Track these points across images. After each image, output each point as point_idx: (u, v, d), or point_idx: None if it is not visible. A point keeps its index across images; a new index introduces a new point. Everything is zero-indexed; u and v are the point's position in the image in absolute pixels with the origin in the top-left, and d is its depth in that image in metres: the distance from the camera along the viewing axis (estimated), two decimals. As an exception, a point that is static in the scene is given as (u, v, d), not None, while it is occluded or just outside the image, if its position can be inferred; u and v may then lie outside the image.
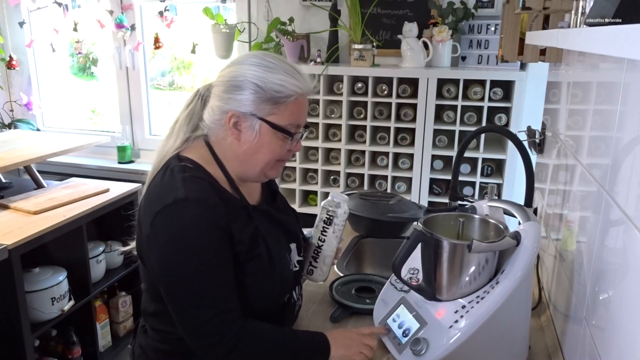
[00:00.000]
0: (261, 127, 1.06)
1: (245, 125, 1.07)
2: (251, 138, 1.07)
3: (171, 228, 1.02)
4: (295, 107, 1.08)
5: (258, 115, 1.06)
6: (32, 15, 3.41)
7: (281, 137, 1.08)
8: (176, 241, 1.02)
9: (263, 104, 1.05)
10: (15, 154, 2.49)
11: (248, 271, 1.08)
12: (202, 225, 1.01)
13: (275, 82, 1.05)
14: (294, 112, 1.08)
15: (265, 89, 1.04)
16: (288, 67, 1.08)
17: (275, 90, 1.05)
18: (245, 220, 1.09)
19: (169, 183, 1.05)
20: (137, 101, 3.33)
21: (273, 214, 1.19)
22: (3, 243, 1.82)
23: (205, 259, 1.02)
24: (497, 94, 2.37)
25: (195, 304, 1.02)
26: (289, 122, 1.08)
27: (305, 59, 2.72)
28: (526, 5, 1.30)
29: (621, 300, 0.74)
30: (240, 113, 1.06)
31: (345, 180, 2.68)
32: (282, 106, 1.06)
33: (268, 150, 1.09)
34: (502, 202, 1.19)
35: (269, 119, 1.06)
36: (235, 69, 1.08)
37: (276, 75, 1.05)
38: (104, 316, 2.44)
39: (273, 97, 1.05)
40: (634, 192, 0.71)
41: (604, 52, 0.60)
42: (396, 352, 1.09)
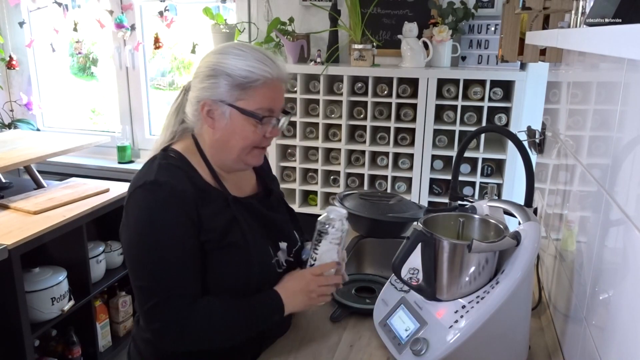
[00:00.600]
0: (231, 113, 1.09)
1: (218, 112, 1.10)
2: (223, 125, 1.11)
3: (137, 210, 1.06)
4: (264, 91, 1.09)
5: (227, 101, 1.09)
6: (32, 15, 3.41)
7: (252, 122, 1.10)
8: (139, 223, 1.06)
9: (232, 90, 1.08)
10: (15, 154, 2.49)
11: (217, 259, 1.10)
12: (166, 209, 1.05)
13: (242, 68, 1.08)
14: (263, 97, 1.09)
15: (233, 75, 1.08)
16: (258, 54, 1.11)
17: (243, 76, 1.07)
18: (221, 210, 1.12)
19: (147, 169, 1.11)
20: (137, 101, 3.33)
21: (259, 208, 1.20)
22: (3, 243, 1.82)
23: (163, 242, 1.04)
24: (497, 94, 2.37)
25: (146, 286, 1.05)
26: (258, 107, 1.10)
27: (305, 59, 2.72)
28: (526, 5, 1.30)
29: (621, 300, 0.74)
30: (211, 101, 1.10)
31: (345, 180, 2.68)
32: (250, 91, 1.08)
33: (240, 136, 1.11)
34: (502, 202, 1.19)
35: (237, 104, 1.09)
36: (210, 59, 1.12)
37: (244, 62, 1.08)
38: (104, 316, 2.44)
39: (241, 82, 1.08)
40: (634, 192, 0.71)
41: (604, 52, 0.60)
42: (396, 352, 1.09)
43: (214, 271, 1.10)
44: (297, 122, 2.64)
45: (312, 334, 1.24)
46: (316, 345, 1.20)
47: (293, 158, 2.72)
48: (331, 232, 1.17)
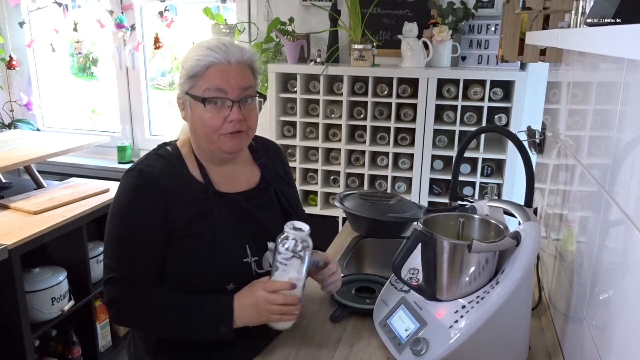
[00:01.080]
0: (189, 102, 1.15)
1: (185, 104, 1.17)
2: (189, 115, 1.17)
3: (117, 192, 1.17)
4: (211, 74, 1.12)
5: (184, 91, 1.15)
6: (32, 15, 3.41)
7: (209, 108, 1.13)
8: (114, 205, 1.16)
9: (187, 80, 1.14)
10: (15, 154, 2.49)
11: (178, 247, 1.14)
12: (135, 195, 1.14)
13: (192, 58, 1.13)
14: (209, 79, 1.12)
15: (185, 67, 1.14)
16: (210, 43, 1.15)
17: (193, 65, 1.13)
18: (196, 201, 1.15)
19: (141, 158, 1.21)
20: (137, 101, 3.33)
21: (243, 206, 1.21)
22: (3, 243, 1.82)
23: (125, 225, 1.14)
24: (497, 94, 2.37)
25: (107, 263, 1.15)
26: (206, 88, 1.12)
27: (305, 59, 2.72)
28: (526, 5, 1.30)
29: (621, 300, 0.74)
30: (180, 94, 1.17)
31: (345, 180, 2.68)
32: (199, 77, 1.13)
33: (201, 122, 1.14)
34: (502, 202, 1.19)
35: (190, 91, 1.14)
36: None
37: (196, 52, 1.14)
38: (104, 316, 2.44)
39: (191, 72, 1.13)
40: (634, 192, 0.71)
41: (604, 52, 0.60)
42: (396, 352, 1.09)
43: (173, 259, 1.15)
44: (297, 122, 2.64)
45: (312, 334, 1.24)
46: (316, 345, 1.19)
47: (293, 158, 2.72)
48: (282, 251, 1.10)
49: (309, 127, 2.72)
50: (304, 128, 2.70)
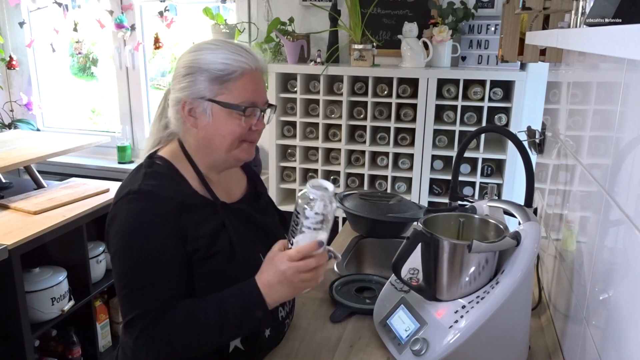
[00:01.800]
0: (213, 108, 1.06)
1: (199, 110, 1.07)
2: (205, 122, 1.07)
3: (120, 220, 1.03)
4: (244, 83, 1.06)
5: (207, 97, 1.06)
6: (32, 15, 3.41)
7: (236, 115, 1.06)
8: (121, 234, 1.03)
9: (211, 85, 1.05)
10: (15, 154, 2.49)
11: (204, 269, 1.06)
12: (148, 219, 1.02)
13: (218, 62, 1.05)
14: (243, 88, 1.06)
15: (210, 70, 1.05)
16: (232, 46, 1.08)
17: (220, 69, 1.05)
18: (209, 217, 1.08)
19: (132, 177, 1.09)
20: (137, 101, 3.33)
21: (250, 213, 1.17)
22: (3, 243, 1.82)
23: (143, 255, 1.01)
24: (497, 94, 2.37)
25: (125, 299, 1.02)
26: (240, 99, 1.06)
27: (305, 59, 2.72)
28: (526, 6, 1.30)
29: (621, 300, 0.74)
30: (191, 99, 1.06)
31: (345, 180, 2.68)
32: (230, 84, 1.05)
33: (225, 131, 1.07)
34: (502, 202, 1.19)
35: (218, 99, 1.06)
36: (185, 57, 1.10)
37: (219, 55, 1.06)
38: (104, 316, 2.44)
39: (219, 76, 1.05)
40: (634, 192, 0.71)
41: (604, 52, 0.60)
42: (396, 352, 1.09)
43: (201, 281, 1.06)
44: (297, 122, 2.64)
45: (312, 334, 1.24)
46: (316, 345, 1.19)
47: (293, 158, 2.72)
48: (310, 215, 1.00)
49: (309, 127, 2.72)
50: (304, 128, 2.70)
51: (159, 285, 1.01)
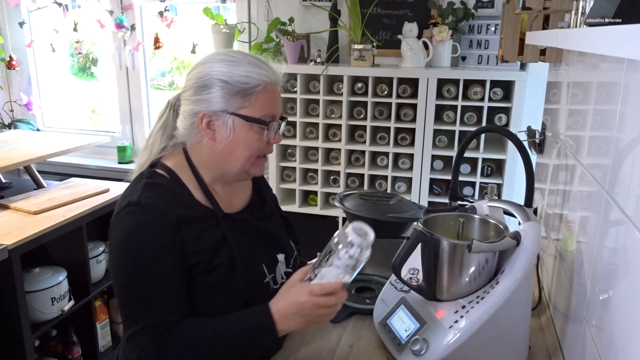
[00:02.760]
0: (234, 122, 1.04)
1: (218, 123, 1.05)
2: (226, 135, 1.05)
3: (119, 232, 1.02)
4: (266, 97, 1.06)
5: (229, 110, 1.04)
6: (32, 15, 3.41)
7: (257, 129, 1.06)
8: (120, 247, 1.02)
9: (232, 98, 1.04)
10: (15, 154, 2.49)
11: (204, 283, 1.05)
12: (147, 233, 1.00)
13: (240, 75, 1.03)
14: (265, 102, 1.05)
15: (232, 82, 1.03)
16: (252, 59, 1.07)
17: (242, 82, 1.03)
18: (210, 228, 1.07)
19: (132, 187, 1.07)
20: (137, 101, 3.33)
21: (253, 223, 1.16)
22: (3, 243, 1.82)
23: (141, 269, 0.99)
24: (497, 94, 2.37)
25: (127, 313, 1.01)
26: (262, 113, 1.05)
27: (305, 59, 2.72)
28: (526, 6, 1.30)
29: (621, 300, 0.74)
30: (211, 112, 1.04)
31: (345, 180, 2.68)
32: (252, 97, 1.04)
33: (246, 145, 1.06)
34: (502, 202, 1.19)
35: (241, 112, 1.04)
36: (200, 69, 1.07)
37: (241, 68, 1.04)
38: (104, 316, 2.44)
39: (241, 89, 1.03)
40: (634, 192, 0.71)
41: (604, 52, 0.60)
42: (396, 352, 1.09)
43: (201, 295, 1.05)
44: (297, 122, 2.64)
45: (312, 334, 1.24)
46: (316, 345, 1.20)
47: (293, 158, 2.72)
48: (343, 257, 0.98)
49: (309, 127, 2.72)
50: (304, 128, 2.70)
51: (160, 299, 1.00)
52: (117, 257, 1.02)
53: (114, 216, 1.05)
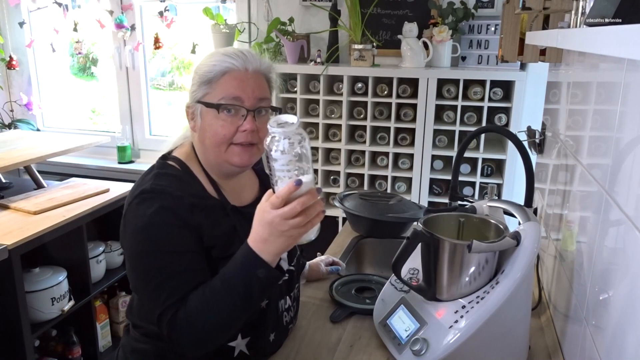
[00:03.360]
0: (201, 110, 1.09)
1: (195, 113, 1.10)
2: (199, 124, 1.10)
3: (135, 220, 1.03)
4: (227, 81, 1.07)
5: (197, 99, 1.09)
6: (32, 15, 3.41)
7: (223, 116, 1.06)
8: (137, 233, 1.03)
9: (200, 87, 1.08)
10: (15, 154, 2.49)
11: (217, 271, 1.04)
12: (163, 216, 1.01)
13: (207, 64, 1.08)
14: (225, 86, 1.07)
15: (199, 72, 1.09)
16: (229, 50, 1.11)
17: (207, 70, 1.07)
18: (221, 219, 1.08)
19: (144, 177, 1.09)
20: (137, 101, 3.33)
21: None
22: (3, 243, 1.82)
23: (162, 249, 1.00)
24: (497, 94, 2.37)
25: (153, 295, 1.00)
26: (221, 96, 1.06)
27: (305, 59, 2.72)
28: (526, 6, 1.30)
29: (621, 300, 0.74)
30: (190, 103, 1.11)
31: (345, 180, 2.68)
32: (214, 84, 1.07)
33: (211, 132, 1.08)
34: (502, 202, 1.19)
35: (204, 99, 1.08)
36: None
37: (211, 59, 1.09)
38: (104, 316, 2.44)
39: (206, 78, 1.08)
40: (634, 192, 0.71)
41: (604, 52, 0.60)
42: (396, 352, 1.09)
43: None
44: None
45: (312, 334, 1.24)
46: (316, 345, 1.20)
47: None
48: (277, 157, 0.90)
49: (309, 127, 2.72)
50: (304, 128, 2.70)
51: (185, 274, 1.00)
52: (136, 244, 1.03)
53: (126, 206, 1.06)
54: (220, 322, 0.98)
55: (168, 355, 1.11)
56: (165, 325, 0.98)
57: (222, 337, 1.03)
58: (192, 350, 1.00)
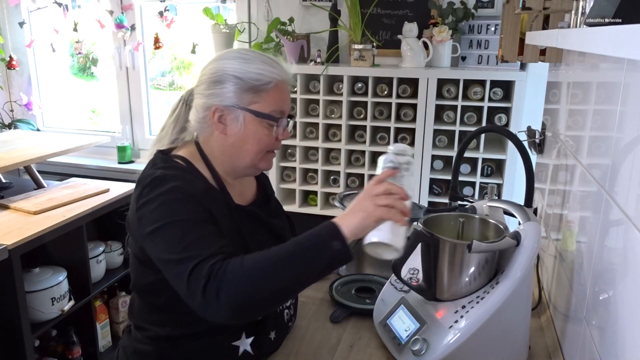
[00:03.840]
0: (245, 117, 1.08)
1: (230, 117, 1.08)
2: (237, 130, 1.09)
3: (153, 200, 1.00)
4: (276, 94, 1.09)
5: (240, 105, 1.07)
6: (32, 15, 3.41)
7: (266, 125, 1.09)
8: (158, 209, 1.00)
9: (244, 94, 1.07)
10: (15, 154, 2.49)
11: None
12: (179, 193, 1.00)
13: (253, 72, 1.07)
14: (275, 99, 1.09)
15: (245, 78, 1.07)
16: (265, 57, 1.10)
17: (255, 78, 1.07)
18: (225, 216, 1.08)
19: (149, 170, 1.08)
20: (137, 101, 3.33)
21: (261, 216, 1.18)
22: (3, 243, 1.82)
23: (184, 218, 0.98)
24: (497, 94, 2.37)
25: (181, 260, 0.94)
26: (272, 109, 1.09)
27: (305, 59, 2.72)
28: (526, 6, 1.30)
29: (621, 300, 0.74)
30: (223, 106, 1.08)
31: (345, 180, 2.68)
32: (263, 94, 1.08)
33: (255, 140, 1.09)
34: (502, 202, 1.20)
35: (252, 107, 1.08)
36: (214, 65, 1.11)
37: (254, 65, 1.08)
38: (104, 316, 2.44)
39: (253, 85, 1.07)
40: (634, 192, 0.71)
41: (604, 52, 0.60)
42: (396, 352, 1.09)
43: None
44: (297, 122, 2.64)
45: (312, 334, 1.24)
46: (316, 346, 1.20)
47: (293, 158, 2.72)
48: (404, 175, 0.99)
49: (309, 127, 2.72)
50: (304, 128, 2.70)
51: (213, 236, 0.98)
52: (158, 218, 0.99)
53: (137, 196, 1.03)
54: (272, 277, 0.91)
55: (169, 356, 1.11)
56: (201, 277, 0.90)
57: (268, 304, 0.95)
58: (228, 312, 0.90)
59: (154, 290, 1.09)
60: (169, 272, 0.97)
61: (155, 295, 1.11)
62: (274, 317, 1.16)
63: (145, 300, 1.14)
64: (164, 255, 0.97)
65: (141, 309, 1.15)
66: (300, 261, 0.91)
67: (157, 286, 1.07)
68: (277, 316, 1.17)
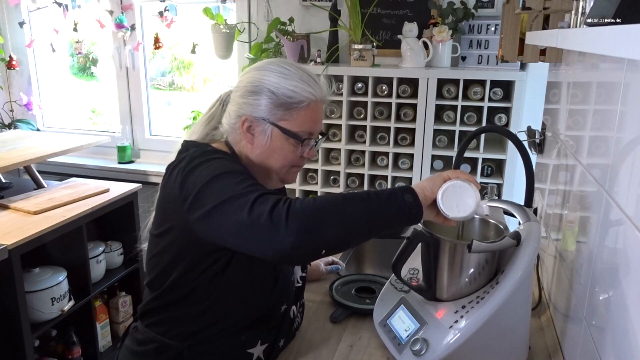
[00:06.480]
0: (273, 132, 1.08)
1: (258, 129, 1.09)
2: (263, 142, 1.09)
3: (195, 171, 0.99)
4: (308, 114, 1.09)
5: (270, 120, 1.08)
6: (32, 15, 3.41)
7: (293, 142, 1.09)
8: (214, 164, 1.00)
9: (275, 109, 1.07)
10: (15, 154, 2.49)
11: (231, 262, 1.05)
12: (224, 162, 1.02)
13: (288, 88, 1.07)
14: (305, 119, 1.09)
15: (278, 94, 1.07)
16: (304, 75, 1.10)
17: (288, 95, 1.07)
18: None
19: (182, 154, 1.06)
20: (137, 101, 3.33)
21: None
22: (3, 243, 1.82)
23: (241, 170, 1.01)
24: (497, 94, 2.37)
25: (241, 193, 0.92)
26: (300, 129, 1.09)
27: (305, 59, 2.72)
28: (526, 6, 1.30)
29: (621, 300, 0.74)
30: (253, 117, 1.08)
31: (345, 180, 2.68)
32: (294, 112, 1.08)
33: (280, 155, 1.10)
34: (502, 202, 1.19)
35: (280, 124, 1.08)
36: (253, 74, 1.11)
37: (290, 82, 1.08)
38: (104, 316, 2.44)
39: (285, 102, 1.07)
40: (634, 192, 0.71)
41: (604, 52, 0.60)
42: (396, 352, 1.09)
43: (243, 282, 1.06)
44: (297, 122, 2.64)
45: (312, 334, 1.24)
46: (316, 346, 1.20)
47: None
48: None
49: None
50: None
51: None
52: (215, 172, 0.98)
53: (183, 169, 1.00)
54: (348, 217, 0.89)
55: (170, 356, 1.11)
56: (268, 202, 0.88)
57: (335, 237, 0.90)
58: (293, 237, 0.86)
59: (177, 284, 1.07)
60: (227, 211, 0.91)
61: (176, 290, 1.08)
62: (287, 326, 1.17)
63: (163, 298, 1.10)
64: (223, 195, 0.92)
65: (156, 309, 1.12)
66: (373, 203, 0.91)
67: (181, 279, 1.06)
68: (289, 324, 1.18)
